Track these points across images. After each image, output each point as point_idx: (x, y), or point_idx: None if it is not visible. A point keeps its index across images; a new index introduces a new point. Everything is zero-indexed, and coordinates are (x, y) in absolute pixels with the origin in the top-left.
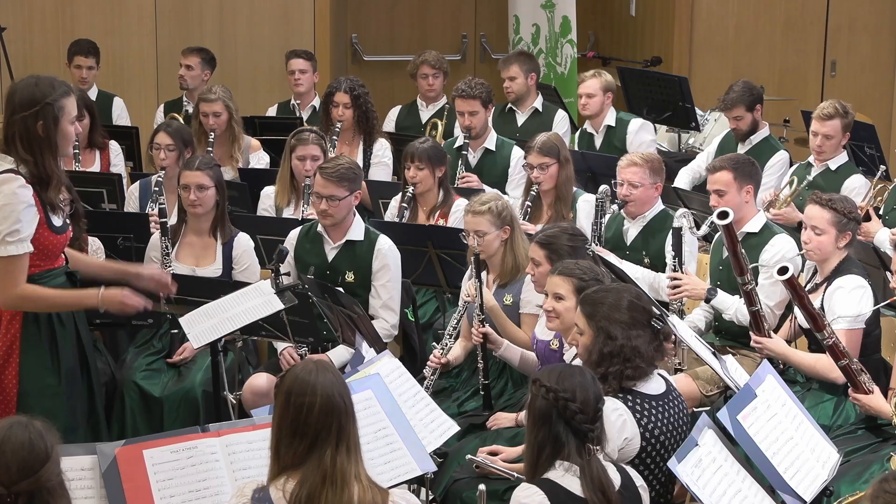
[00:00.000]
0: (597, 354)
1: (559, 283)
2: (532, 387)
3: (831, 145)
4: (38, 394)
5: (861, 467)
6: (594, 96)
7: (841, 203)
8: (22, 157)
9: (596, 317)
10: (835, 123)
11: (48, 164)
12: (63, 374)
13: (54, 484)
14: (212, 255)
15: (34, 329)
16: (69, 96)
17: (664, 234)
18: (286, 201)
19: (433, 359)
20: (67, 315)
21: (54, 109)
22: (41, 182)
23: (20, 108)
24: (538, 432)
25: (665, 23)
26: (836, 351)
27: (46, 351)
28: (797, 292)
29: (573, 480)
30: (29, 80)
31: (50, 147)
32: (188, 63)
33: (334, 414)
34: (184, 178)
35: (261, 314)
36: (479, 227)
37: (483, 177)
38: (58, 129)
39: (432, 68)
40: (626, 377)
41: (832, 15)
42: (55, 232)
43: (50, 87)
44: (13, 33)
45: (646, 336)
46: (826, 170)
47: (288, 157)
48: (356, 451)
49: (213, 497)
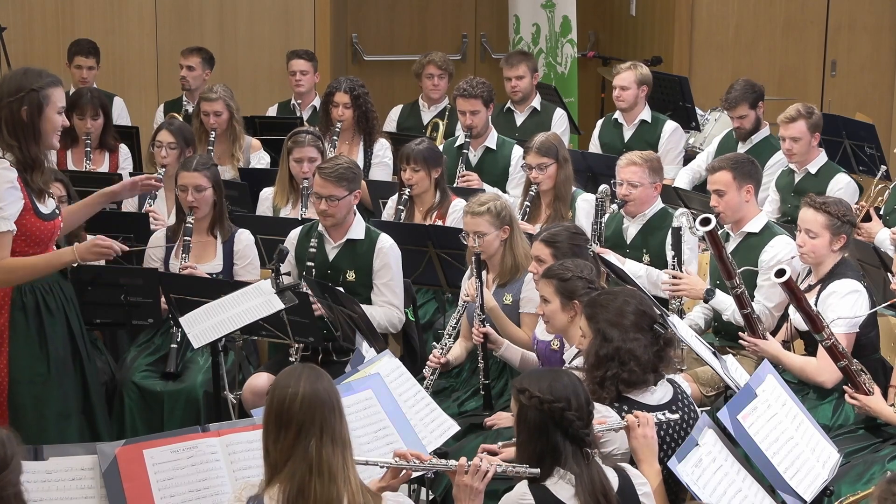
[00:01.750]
0: (593, 357)
1: (543, 286)
2: (521, 396)
3: (800, 147)
4: (28, 381)
5: (862, 467)
6: (628, 88)
7: (835, 206)
8: (7, 142)
9: (595, 319)
10: (799, 125)
11: (32, 150)
12: (52, 362)
13: (9, 494)
14: (212, 252)
15: (21, 317)
16: (56, 87)
17: (664, 233)
18: (284, 202)
19: (432, 359)
20: (57, 304)
21: (39, 97)
22: (26, 167)
23: (6, 95)
24: (535, 444)
25: (665, 23)
26: (836, 352)
27: (35, 339)
28: (795, 294)
29: (566, 488)
30: (19, 70)
31: (34, 134)
32: (189, 64)
33: (317, 405)
34: (181, 179)
35: (261, 314)
36: (479, 228)
37: (483, 176)
38: (42, 116)
39: (438, 69)
40: (623, 381)
41: (832, 15)
42: (42, 218)
43: (37, 77)
44: (13, 33)
45: (644, 340)
46: (807, 174)
47: (285, 159)
48: (344, 449)
49: (213, 497)
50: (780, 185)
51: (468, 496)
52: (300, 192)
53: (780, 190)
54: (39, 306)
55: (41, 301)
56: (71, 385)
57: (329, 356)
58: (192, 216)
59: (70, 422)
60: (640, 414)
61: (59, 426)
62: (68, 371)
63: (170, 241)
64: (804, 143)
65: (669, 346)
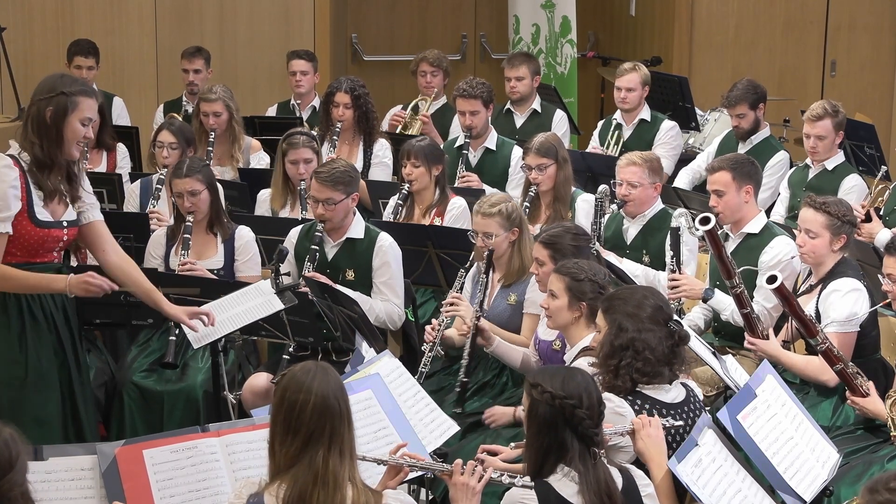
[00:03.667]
0: (608, 347)
1: (554, 280)
2: (533, 391)
3: (825, 146)
4: (4, 384)
5: (861, 468)
6: (634, 90)
7: (835, 206)
8: (30, 139)
9: (613, 311)
10: (825, 124)
11: (53, 152)
12: (30, 368)
13: (16, 494)
14: (213, 249)
15: (3, 319)
16: (88, 97)
17: (664, 233)
18: (281, 204)
19: (428, 335)
20: (45, 313)
21: (67, 101)
22: (43, 166)
23: (38, 93)
24: (543, 438)
25: (665, 23)
26: (831, 356)
27: (15, 342)
28: (788, 300)
29: (569, 485)
30: (58, 73)
31: (56, 137)
32: (195, 67)
33: (328, 415)
34: (175, 186)
35: (261, 314)
36: (488, 229)
37: (483, 176)
38: (65, 121)
39: (431, 66)
40: (637, 370)
41: (832, 15)
42: (37, 225)
43: (72, 82)
44: (13, 33)
45: (660, 333)
46: (823, 170)
47: (280, 161)
48: (350, 456)
49: (213, 497)
50: (792, 180)
51: (466, 496)
52: (298, 194)
53: (792, 185)
54: (23, 312)
55: (25, 307)
56: (53, 392)
57: (329, 356)
58: (191, 216)
59: (48, 429)
60: (644, 417)
61: (36, 432)
62: (50, 379)
63: (169, 242)
64: (829, 142)
65: (683, 342)
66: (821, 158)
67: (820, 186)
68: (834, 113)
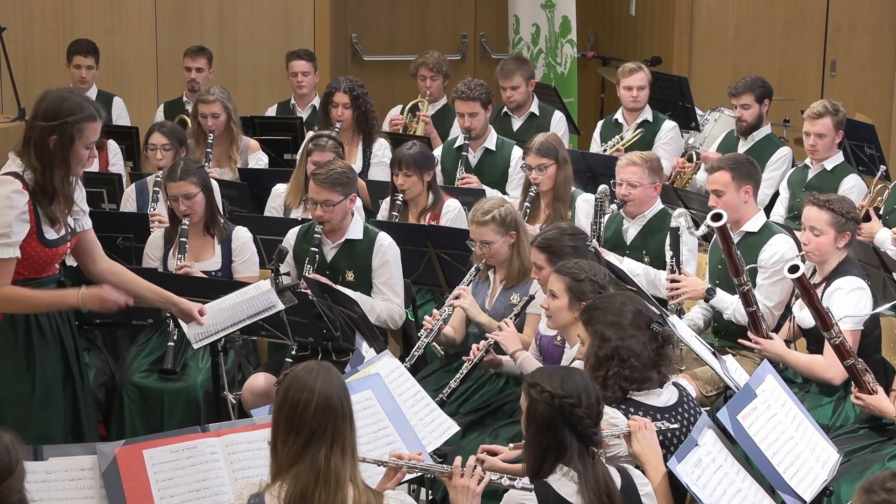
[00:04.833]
0: (593, 358)
1: (554, 280)
2: (532, 391)
3: (824, 144)
4: (12, 402)
5: (862, 467)
6: (644, 88)
7: (839, 203)
8: (32, 163)
9: (593, 321)
10: (825, 122)
11: (55, 179)
12: (37, 384)
13: (14, 500)
14: (210, 250)
15: (11, 335)
16: (92, 122)
17: (664, 234)
18: (297, 203)
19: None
20: (51, 324)
21: (72, 129)
22: (44, 193)
23: (42, 118)
24: (542, 438)
25: (665, 23)
26: (843, 350)
27: (22, 359)
28: (808, 290)
29: (568, 485)
30: (62, 91)
31: (60, 163)
32: (198, 66)
33: (330, 414)
34: (169, 190)
35: (261, 314)
36: (485, 237)
37: (483, 177)
38: (71, 149)
39: (430, 70)
40: (625, 378)
41: (832, 15)
42: (45, 245)
43: (77, 107)
44: (13, 33)
45: (643, 338)
46: (822, 171)
47: (304, 161)
48: (352, 456)
49: (213, 497)
50: (792, 180)
51: (465, 497)
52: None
53: (792, 185)
54: (31, 326)
55: (33, 321)
56: (57, 408)
57: (329, 356)
58: (186, 219)
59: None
60: (640, 419)
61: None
62: (55, 394)
63: (167, 244)
64: (828, 140)
65: (668, 343)
66: (820, 157)
67: (819, 186)
68: (834, 111)
